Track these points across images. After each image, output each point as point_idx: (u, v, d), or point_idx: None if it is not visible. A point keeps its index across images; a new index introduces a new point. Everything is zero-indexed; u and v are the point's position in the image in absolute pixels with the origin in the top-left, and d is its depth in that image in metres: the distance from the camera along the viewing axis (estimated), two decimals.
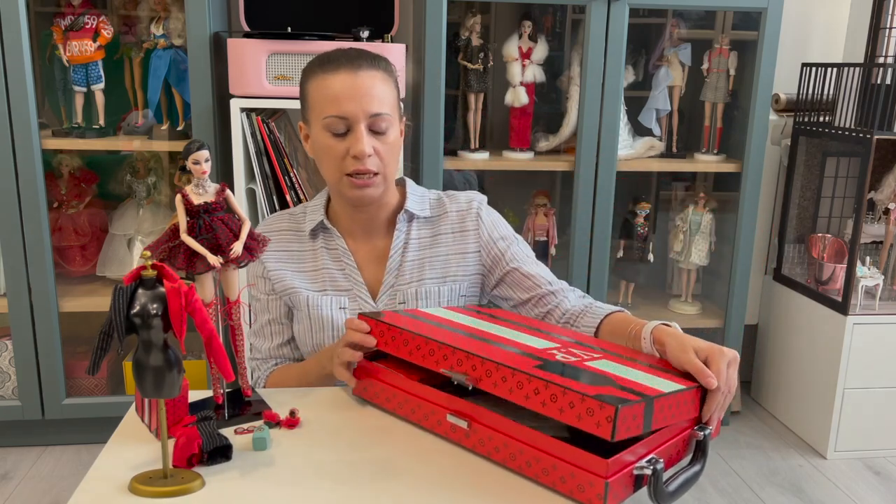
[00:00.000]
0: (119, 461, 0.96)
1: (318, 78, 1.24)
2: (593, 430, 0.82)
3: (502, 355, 0.96)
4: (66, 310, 2.25)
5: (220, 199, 1.03)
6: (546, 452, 0.88)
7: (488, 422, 0.95)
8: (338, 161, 1.23)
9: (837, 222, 2.67)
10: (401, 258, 1.33)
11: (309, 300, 1.31)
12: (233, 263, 1.03)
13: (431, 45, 2.16)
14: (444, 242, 1.34)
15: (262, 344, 1.38)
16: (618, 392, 0.86)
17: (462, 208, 1.36)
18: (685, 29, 2.49)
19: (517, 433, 0.91)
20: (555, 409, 0.86)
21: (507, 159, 2.40)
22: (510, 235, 1.37)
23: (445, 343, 1.00)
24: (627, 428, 0.83)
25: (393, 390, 1.07)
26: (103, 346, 0.86)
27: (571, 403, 0.85)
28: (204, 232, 1.01)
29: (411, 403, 1.05)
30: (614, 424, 0.81)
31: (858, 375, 2.35)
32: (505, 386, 0.91)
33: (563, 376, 0.89)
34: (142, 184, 2.36)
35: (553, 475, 0.88)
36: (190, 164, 1.00)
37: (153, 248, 1.01)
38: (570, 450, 0.86)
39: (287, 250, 1.34)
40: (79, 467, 2.25)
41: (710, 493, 2.20)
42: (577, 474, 0.85)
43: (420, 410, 1.04)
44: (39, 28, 2.23)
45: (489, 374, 0.94)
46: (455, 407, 0.98)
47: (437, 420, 1.01)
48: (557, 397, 0.86)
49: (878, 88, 2.26)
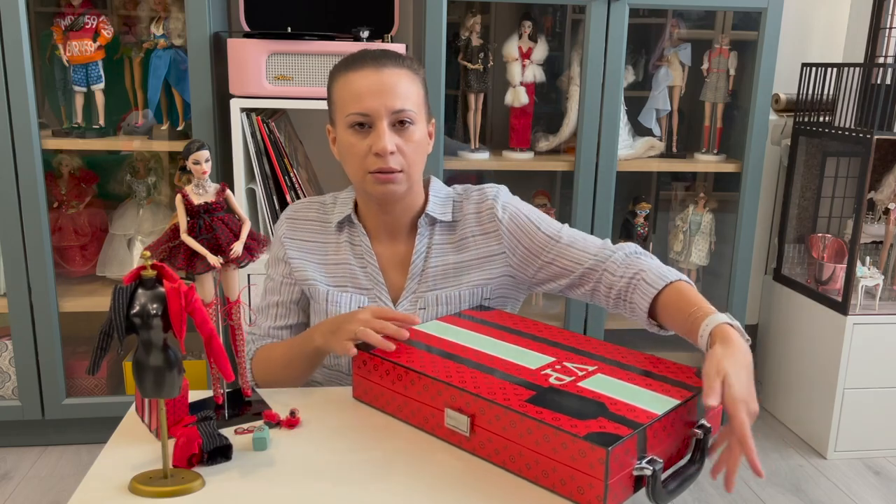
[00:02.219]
0: (119, 461, 0.96)
1: (343, 77, 1.23)
2: (588, 471, 0.84)
3: (495, 387, 0.97)
4: (66, 310, 2.25)
5: (221, 199, 1.03)
6: (545, 456, 0.89)
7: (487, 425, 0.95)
8: (361, 159, 1.22)
9: (837, 222, 2.67)
10: (423, 264, 1.31)
11: (329, 295, 1.30)
12: (233, 263, 1.03)
13: (431, 45, 2.16)
14: (466, 247, 1.31)
15: (262, 321, 1.37)
16: (609, 424, 0.87)
17: (479, 209, 1.31)
18: (685, 29, 2.49)
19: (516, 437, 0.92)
20: (549, 449, 0.88)
21: (507, 159, 2.40)
22: (531, 224, 1.29)
23: (439, 379, 1.00)
24: (621, 464, 0.84)
25: (392, 394, 1.07)
26: (103, 346, 0.86)
27: (564, 444, 0.86)
28: (204, 232, 1.01)
29: (411, 406, 1.05)
30: (606, 466, 0.82)
31: (858, 375, 2.35)
32: (499, 424, 0.93)
33: (554, 410, 0.90)
34: (142, 184, 2.36)
35: (553, 477, 0.88)
36: (190, 164, 1.00)
37: (153, 248, 1.01)
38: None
39: (312, 241, 1.33)
40: (79, 467, 2.25)
41: (710, 493, 2.20)
42: (577, 476, 0.85)
43: (419, 413, 1.04)
44: (39, 28, 2.23)
45: (483, 412, 0.95)
46: (456, 405, 0.99)
47: (436, 423, 1.01)
48: (550, 437, 0.87)
49: (878, 88, 2.26)
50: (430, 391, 1.01)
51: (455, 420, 0.98)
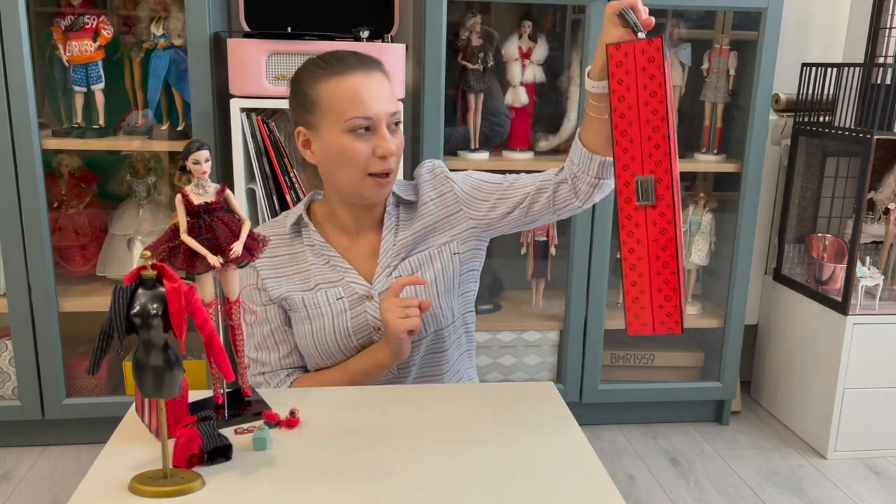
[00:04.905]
0: (119, 461, 0.96)
1: (331, 80, 1.24)
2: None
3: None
4: (66, 310, 2.25)
5: (220, 199, 1.03)
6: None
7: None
8: (362, 162, 1.24)
9: (837, 222, 2.67)
10: (394, 238, 1.34)
11: (305, 300, 1.31)
12: (233, 263, 1.03)
13: (431, 45, 2.16)
14: (428, 212, 1.36)
15: (267, 356, 1.36)
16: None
17: (432, 176, 1.38)
18: (685, 29, 2.49)
19: None
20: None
21: (507, 159, 2.40)
22: (478, 176, 1.37)
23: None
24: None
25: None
26: (103, 346, 0.86)
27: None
28: (204, 232, 1.01)
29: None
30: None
31: (858, 375, 2.35)
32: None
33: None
34: (142, 184, 2.36)
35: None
36: (190, 164, 1.00)
37: (153, 248, 1.01)
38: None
39: (279, 255, 1.35)
40: (79, 467, 2.25)
41: (710, 493, 2.20)
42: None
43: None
44: (39, 28, 2.23)
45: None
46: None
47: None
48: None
49: (878, 88, 2.26)
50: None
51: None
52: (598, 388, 2.49)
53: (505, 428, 1.07)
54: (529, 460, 0.99)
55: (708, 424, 2.63)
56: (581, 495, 0.91)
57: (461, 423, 1.08)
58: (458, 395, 1.18)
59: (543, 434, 1.06)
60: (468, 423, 1.08)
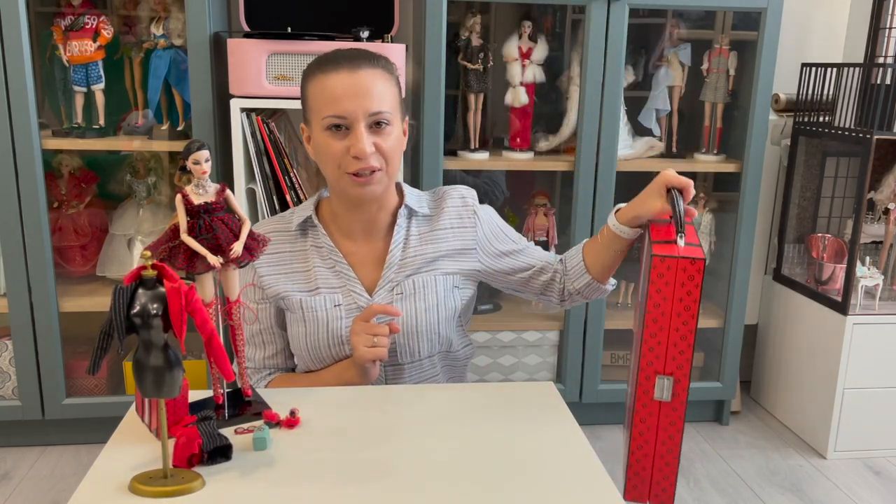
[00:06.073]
0: (119, 461, 0.96)
1: (318, 79, 1.24)
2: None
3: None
4: (66, 310, 2.25)
5: (220, 199, 1.03)
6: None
7: None
8: (338, 160, 1.23)
9: (837, 222, 2.67)
10: (402, 253, 1.33)
11: (302, 302, 1.30)
12: (233, 263, 1.03)
13: (431, 45, 2.16)
14: (444, 238, 1.35)
15: (253, 353, 1.38)
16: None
17: (462, 204, 1.38)
18: (685, 29, 2.49)
19: None
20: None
21: (507, 159, 2.40)
22: (502, 227, 1.42)
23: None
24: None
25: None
26: (103, 346, 0.86)
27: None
28: (204, 232, 1.01)
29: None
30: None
31: (858, 375, 2.35)
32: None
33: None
34: (142, 184, 2.36)
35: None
36: (190, 164, 1.00)
37: (153, 248, 1.01)
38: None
39: (279, 252, 1.34)
40: (79, 467, 2.25)
41: (710, 493, 2.20)
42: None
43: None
44: (39, 28, 2.23)
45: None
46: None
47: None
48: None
49: (877, 88, 2.26)
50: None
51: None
52: (598, 388, 2.49)
53: (505, 428, 1.07)
54: (529, 460, 0.99)
55: (708, 424, 2.63)
56: (581, 495, 0.91)
57: (461, 422, 1.08)
58: (458, 395, 1.18)
59: (543, 434, 1.06)
60: (468, 422, 1.09)
